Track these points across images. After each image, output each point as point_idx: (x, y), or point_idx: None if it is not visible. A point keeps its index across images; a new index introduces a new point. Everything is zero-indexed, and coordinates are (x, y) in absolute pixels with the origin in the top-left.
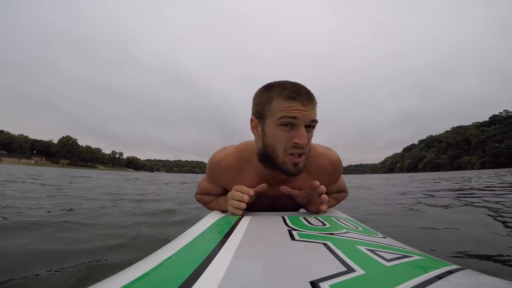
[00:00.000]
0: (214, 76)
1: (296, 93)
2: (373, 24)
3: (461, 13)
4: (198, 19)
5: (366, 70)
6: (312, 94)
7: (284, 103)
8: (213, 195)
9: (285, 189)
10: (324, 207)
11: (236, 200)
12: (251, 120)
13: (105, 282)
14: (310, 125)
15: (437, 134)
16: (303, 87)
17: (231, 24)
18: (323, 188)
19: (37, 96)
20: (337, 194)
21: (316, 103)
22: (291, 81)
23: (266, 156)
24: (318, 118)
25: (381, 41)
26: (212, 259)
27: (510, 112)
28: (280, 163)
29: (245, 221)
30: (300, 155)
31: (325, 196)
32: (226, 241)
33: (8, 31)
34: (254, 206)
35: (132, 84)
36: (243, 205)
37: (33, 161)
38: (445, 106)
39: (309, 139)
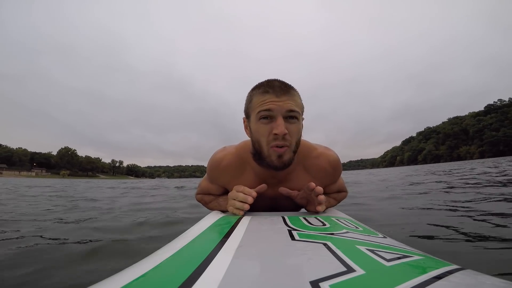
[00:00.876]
0: (209, 79)
1: (269, 87)
2: (366, 19)
3: (451, 4)
4: (189, 22)
5: (361, 66)
6: (289, 86)
7: (260, 97)
8: (214, 195)
9: (283, 190)
10: (321, 208)
11: (239, 201)
12: (243, 121)
13: (105, 282)
14: (290, 116)
15: (435, 125)
16: (278, 81)
17: (223, 26)
18: (319, 189)
19: (30, 107)
20: (337, 194)
21: (294, 94)
22: (271, 79)
23: (256, 153)
24: (315, 114)
25: (374, 35)
26: (212, 259)
27: (505, 101)
28: (265, 157)
29: (245, 221)
30: (283, 146)
31: (322, 197)
32: (226, 241)
33: None
34: (254, 206)
35: (126, 90)
36: (246, 207)
37: (33, 173)
38: (442, 97)
39: (293, 130)
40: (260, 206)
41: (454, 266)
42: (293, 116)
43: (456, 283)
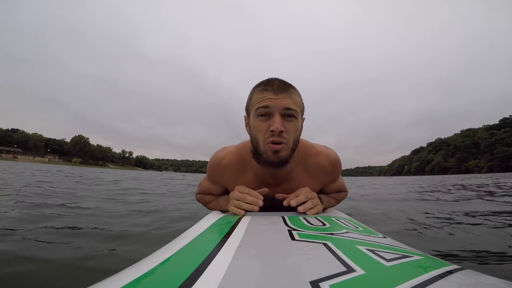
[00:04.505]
0: (222, 73)
1: (268, 85)
2: (396, 13)
3: (491, 3)
4: (202, 11)
5: (387, 65)
6: (289, 84)
7: (259, 95)
8: (214, 195)
9: (279, 196)
10: (302, 208)
11: (246, 203)
12: (244, 119)
13: (105, 282)
14: (288, 114)
15: (446, 137)
16: (278, 79)
17: (241, 18)
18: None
19: (43, 93)
20: (337, 194)
21: (293, 93)
22: (272, 77)
23: (254, 151)
24: (330, 116)
25: (405, 31)
26: (212, 259)
27: None
28: (262, 153)
29: (245, 221)
30: (280, 143)
31: (298, 199)
32: (226, 241)
33: (9, 24)
34: None
35: (137, 80)
36: (256, 209)
37: (47, 159)
38: (467, 105)
39: (290, 128)
40: (260, 206)
41: (454, 266)
42: (291, 115)
43: (456, 283)
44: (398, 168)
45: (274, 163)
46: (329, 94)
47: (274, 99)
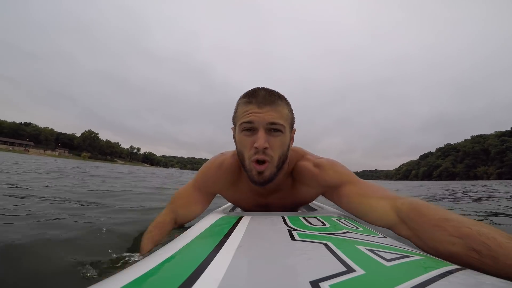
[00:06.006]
0: (230, 71)
1: (252, 96)
2: (409, 10)
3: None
4: (212, 10)
5: (401, 64)
6: (275, 95)
7: (243, 108)
8: (167, 226)
9: None
10: None
11: None
12: (232, 130)
13: (105, 282)
14: (274, 129)
15: (455, 142)
16: (264, 89)
17: (249, 16)
18: None
19: (54, 88)
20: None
21: (279, 105)
22: (257, 87)
23: (242, 165)
24: (339, 117)
25: (421, 28)
26: (212, 259)
27: None
28: (247, 170)
29: (245, 221)
30: (263, 162)
31: None
32: (226, 241)
33: (20, 20)
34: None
35: (146, 77)
36: None
37: (57, 153)
38: (484, 108)
39: (275, 143)
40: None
41: (454, 266)
42: (277, 129)
43: (456, 283)
44: (405, 172)
45: (258, 183)
46: (339, 95)
47: (258, 113)
